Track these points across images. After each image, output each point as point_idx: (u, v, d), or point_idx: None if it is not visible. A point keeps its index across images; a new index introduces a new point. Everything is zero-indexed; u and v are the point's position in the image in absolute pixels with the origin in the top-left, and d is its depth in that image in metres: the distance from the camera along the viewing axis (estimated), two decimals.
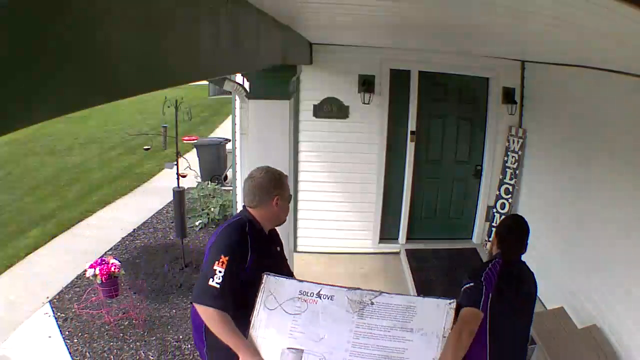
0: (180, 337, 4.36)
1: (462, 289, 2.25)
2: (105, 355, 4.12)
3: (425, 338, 2.02)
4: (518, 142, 5.32)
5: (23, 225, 7.05)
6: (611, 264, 3.54)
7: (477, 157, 5.69)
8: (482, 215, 5.74)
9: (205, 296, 2.10)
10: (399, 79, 5.35)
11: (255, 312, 2.15)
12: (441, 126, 5.60)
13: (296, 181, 5.42)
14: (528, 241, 2.66)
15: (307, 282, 2.24)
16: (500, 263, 2.40)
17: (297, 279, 2.28)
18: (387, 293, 2.18)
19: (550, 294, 4.57)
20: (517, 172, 5.33)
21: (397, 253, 5.60)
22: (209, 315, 2.10)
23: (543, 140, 4.96)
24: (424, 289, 4.95)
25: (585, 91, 4.02)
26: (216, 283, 2.08)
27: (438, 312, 2.07)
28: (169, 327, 4.49)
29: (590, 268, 3.84)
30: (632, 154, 3.31)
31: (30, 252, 6.15)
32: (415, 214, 5.74)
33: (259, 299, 2.16)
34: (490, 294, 2.20)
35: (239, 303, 2.14)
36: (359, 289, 2.24)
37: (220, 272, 2.09)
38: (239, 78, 4.14)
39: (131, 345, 4.24)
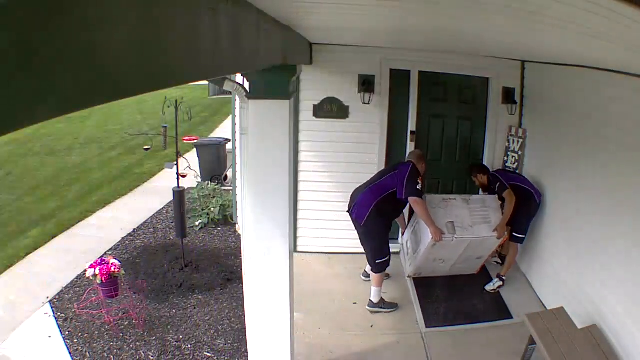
0: (180, 337, 4.36)
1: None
2: (105, 355, 4.12)
3: (493, 209, 4.78)
4: (518, 142, 5.32)
5: (23, 225, 7.05)
6: (611, 264, 3.54)
7: (477, 157, 5.69)
8: None
9: (417, 193, 4.38)
10: (399, 79, 5.35)
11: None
12: (441, 126, 5.60)
13: (296, 181, 5.42)
14: None
15: (444, 195, 4.98)
16: None
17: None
18: (474, 195, 5.05)
19: (550, 294, 4.58)
20: (517, 172, 5.33)
21: (397, 253, 5.60)
22: (419, 202, 4.43)
23: (543, 140, 4.97)
24: (424, 288, 4.96)
25: (585, 91, 4.02)
26: (419, 187, 4.39)
27: (493, 198, 4.86)
28: (169, 327, 4.50)
29: (590, 268, 3.84)
30: (633, 154, 3.31)
31: (30, 252, 6.15)
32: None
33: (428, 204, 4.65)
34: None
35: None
36: (464, 195, 5.01)
37: (419, 183, 4.39)
38: (239, 78, 4.14)
39: (131, 345, 4.24)
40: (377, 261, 4.49)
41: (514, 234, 4.83)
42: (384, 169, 4.92)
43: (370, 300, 4.61)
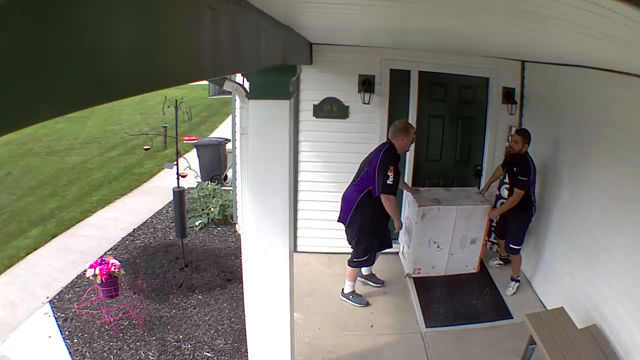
0: (180, 337, 4.36)
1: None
2: (105, 355, 4.12)
3: (473, 193, 5.21)
4: None
5: (23, 225, 7.05)
6: (612, 264, 3.54)
7: (477, 157, 5.69)
8: None
9: (386, 189, 4.22)
10: (399, 79, 5.35)
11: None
12: (441, 126, 5.60)
13: (296, 181, 5.42)
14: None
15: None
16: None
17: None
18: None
19: (550, 294, 4.58)
20: None
21: (397, 253, 5.60)
22: (389, 200, 4.26)
23: (543, 140, 4.96)
24: (424, 288, 4.96)
25: (585, 91, 4.02)
26: (390, 180, 4.21)
27: (473, 190, 5.31)
28: (169, 327, 4.49)
29: (590, 268, 3.84)
30: (633, 154, 3.31)
31: (30, 252, 6.15)
32: None
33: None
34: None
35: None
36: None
37: (389, 176, 4.20)
38: (239, 78, 4.14)
39: (131, 345, 4.24)
40: (354, 259, 4.62)
41: (510, 245, 4.82)
42: (363, 160, 4.59)
43: (342, 289, 4.80)
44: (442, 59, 5.21)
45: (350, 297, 4.72)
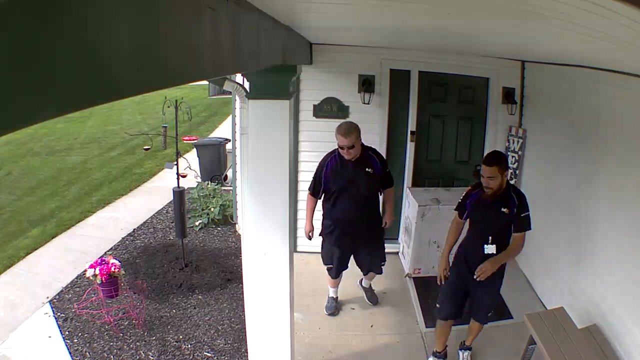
0: (180, 337, 4.36)
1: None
2: (105, 355, 4.12)
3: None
4: (518, 142, 5.32)
5: (23, 225, 7.05)
6: (611, 264, 3.54)
7: (477, 157, 5.69)
8: None
9: (309, 187, 4.17)
10: (399, 79, 5.35)
11: None
12: (441, 126, 5.60)
13: (296, 181, 5.42)
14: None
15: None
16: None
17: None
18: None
19: (550, 294, 4.58)
20: (517, 172, 5.33)
21: (397, 253, 5.60)
22: (307, 198, 4.27)
23: (543, 140, 4.96)
24: (424, 288, 4.96)
25: (585, 91, 4.02)
26: (313, 181, 4.14)
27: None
28: (169, 327, 4.49)
29: (590, 268, 3.84)
30: (633, 154, 3.31)
31: (30, 252, 6.15)
32: None
33: None
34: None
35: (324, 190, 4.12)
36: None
37: (315, 177, 4.12)
38: (239, 78, 4.13)
39: (131, 345, 4.24)
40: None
41: (489, 314, 3.69)
42: None
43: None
44: (442, 59, 5.21)
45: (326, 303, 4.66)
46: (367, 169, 4.01)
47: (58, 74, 0.51)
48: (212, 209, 6.89)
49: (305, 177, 5.47)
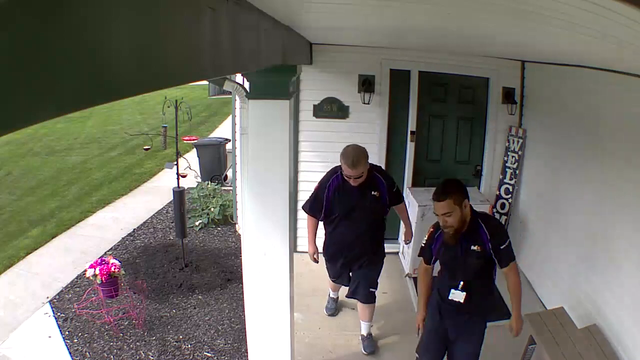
0: (180, 337, 4.36)
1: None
2: (105, 355, 4.12)
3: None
4: (518, 142, 5.32)
5: (23, 225, 7.05)
6: (611, 264, 3.54)
7: (477, 157, 5.69)
8: None
9: (305, 207, 3.97)
10: (399, 79, 5.35)
11: None
12: (441, 126, 5.60)
13: (296, 181, 5.42)
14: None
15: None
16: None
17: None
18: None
19: (550, 294, 4.57)
20: (517, 172, 5.33)
21: (397, 253, 5.60)
22: (307, 218, 4.01)
23: (543, 140, 4.96)
24: None
25: (585, 91, 4.02)
26: (310, 200, 3.91)
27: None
28: (169, 327, 4.49)
29: (590, 268, 3.84)
30: (632, 154, 3.31)
31: (30, 252, 6.15)
32: None
33: None
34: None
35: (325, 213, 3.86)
36: None
37: (312, 194, 3.87)
38: (239, 78, 4.13)
39: (131, 345, 4.24)
40: None
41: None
42: None
43: None
44: (442, 59, 5.21)
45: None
46: (372, 192, 3.71)
47: (58, 74, 0.51)
48: (212, 209, 6.89)
49: (305, 177, 5.48)
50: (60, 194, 8.56)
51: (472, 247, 2.83)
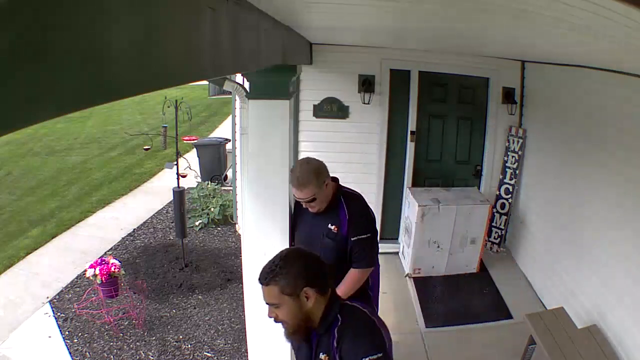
0: (180, 337, 4.36)
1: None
2: (105, 355, 4.12)
3: (473, 192, 5.23)
4: (518, 142, 5.32)
5: (23, 225, 7.05)
6: (611, 264, 3.54)
7: (477, 157, 5.69)
8: None
9: None
10: (399, 79, 5.35)
11: None
12: (441, 126, 5.60)
13: None
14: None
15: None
16: None
17: None
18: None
19: (550, 294, 4.58)
20: (517, 172, 5.33)
21: (397, 253, 5.60)
22: None
23: (543, 140, 4.97)
24: (424, 288, 4.96)
25: (585, 91, 4.02)
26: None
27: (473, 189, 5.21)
28: (169, 327, 4.49)
29: (590, 268, 3.84)
30: (633, 154, 3.31)
31: (30, 252, 6.16)
32: None
33: None
34: None
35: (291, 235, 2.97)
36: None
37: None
38: (239, 78, 4.14)
39: (131, 345, 4.24)
40: None
41: None
42: None
43: None
44: (442, 59, 5.21)
45: None
46: (330, 225, 2.70)
47: (58, 74, 0.51)
48: (212, 209, 6.89)
49: None
50: (60, 194, 8.56)
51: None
